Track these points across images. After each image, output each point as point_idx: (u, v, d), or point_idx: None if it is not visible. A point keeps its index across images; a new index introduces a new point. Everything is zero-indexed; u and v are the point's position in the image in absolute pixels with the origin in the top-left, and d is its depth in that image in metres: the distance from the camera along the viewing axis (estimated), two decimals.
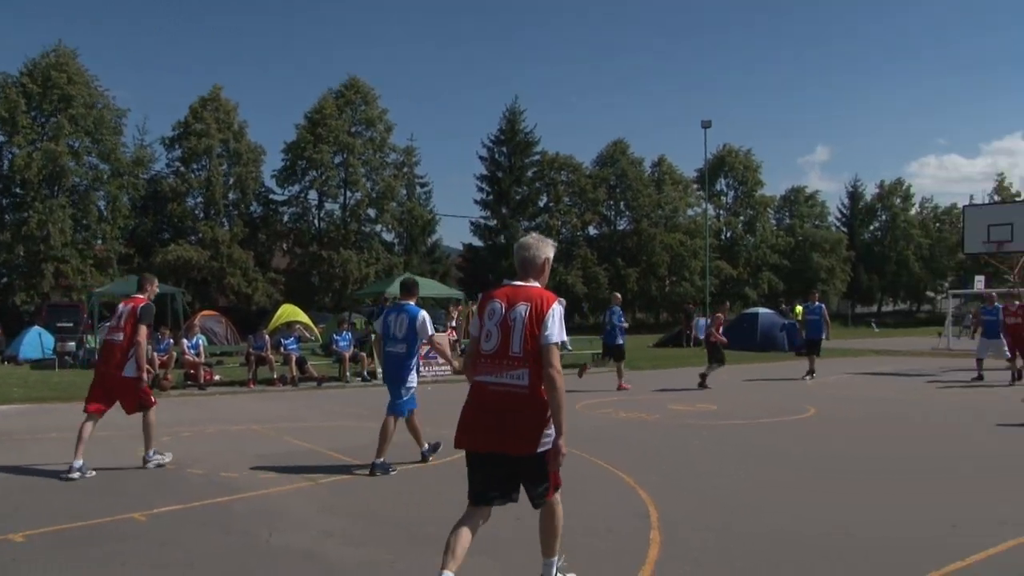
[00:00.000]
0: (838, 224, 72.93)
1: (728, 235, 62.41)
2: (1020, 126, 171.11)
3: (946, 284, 64.91)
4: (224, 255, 42.01)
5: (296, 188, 47.37)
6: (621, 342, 17.26)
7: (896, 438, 10.81)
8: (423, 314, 8.36)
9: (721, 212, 63.16)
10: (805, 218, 67.46)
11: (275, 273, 46.16)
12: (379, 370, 17.80)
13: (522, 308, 4.37)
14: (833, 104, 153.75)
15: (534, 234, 4.85)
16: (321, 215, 48.61)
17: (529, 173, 54.27)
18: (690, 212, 58.98)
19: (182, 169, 43.55)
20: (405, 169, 49.57)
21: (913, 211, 73.90)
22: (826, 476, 8.23)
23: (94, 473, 7.79)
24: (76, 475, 7.64)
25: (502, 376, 4.36)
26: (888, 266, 70.38)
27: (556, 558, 4.63)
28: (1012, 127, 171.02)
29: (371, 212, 47.85)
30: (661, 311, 57.49)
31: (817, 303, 19.98)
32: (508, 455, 4.31)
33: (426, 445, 8.64)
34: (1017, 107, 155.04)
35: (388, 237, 49.51)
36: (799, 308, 36.97)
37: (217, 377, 17.98)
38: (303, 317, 24.97)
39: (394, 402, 8.35)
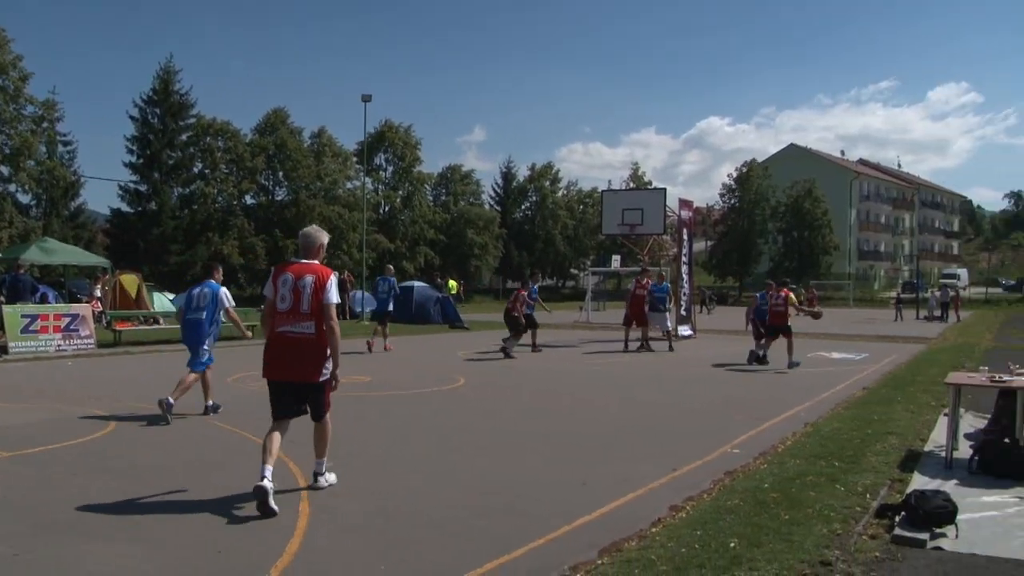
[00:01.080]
0: (492, 203, 77.50)
1: (386, 209, 63.96)
2: (653, 122, 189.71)
3: (588, 262, 69.39)
4: None
5: None
6: (391, 308, 20.39)
7: (539, 405, 11.63)
8: (224, 289, 10.37)
9: (380, 186, 64.46)
10: (461, 195, 71.02)
11: None
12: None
13: (309, 278, 6.19)
14: (491, 88, 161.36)
15: (314, 225, 6.74)
16: None
17: (184, 137, 52.04)
18: (349, 185, 59.79)
19: None
20: (45, 124, 45.64)
21: (560, 193, 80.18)
22: (469, 443, 8.67)
23: None
24: None
25: (296, 326, 6.16)
26: (537, 244, 76.03)
27: (325, 459, 6.58)
28: (647, 122, 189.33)
29: (3, 170, 43.59)
30: None
31: (535, 286, 21.80)
32: (300, 383, 6.22)
33: (211, 402, 10.32)
34: (650, 104, 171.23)
35: (24, 199, 45.54)
36: (453, 283, 39.11)
37: None
38: None
39: (196, 360, 10.12)
